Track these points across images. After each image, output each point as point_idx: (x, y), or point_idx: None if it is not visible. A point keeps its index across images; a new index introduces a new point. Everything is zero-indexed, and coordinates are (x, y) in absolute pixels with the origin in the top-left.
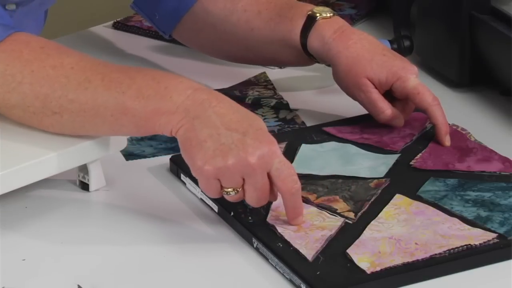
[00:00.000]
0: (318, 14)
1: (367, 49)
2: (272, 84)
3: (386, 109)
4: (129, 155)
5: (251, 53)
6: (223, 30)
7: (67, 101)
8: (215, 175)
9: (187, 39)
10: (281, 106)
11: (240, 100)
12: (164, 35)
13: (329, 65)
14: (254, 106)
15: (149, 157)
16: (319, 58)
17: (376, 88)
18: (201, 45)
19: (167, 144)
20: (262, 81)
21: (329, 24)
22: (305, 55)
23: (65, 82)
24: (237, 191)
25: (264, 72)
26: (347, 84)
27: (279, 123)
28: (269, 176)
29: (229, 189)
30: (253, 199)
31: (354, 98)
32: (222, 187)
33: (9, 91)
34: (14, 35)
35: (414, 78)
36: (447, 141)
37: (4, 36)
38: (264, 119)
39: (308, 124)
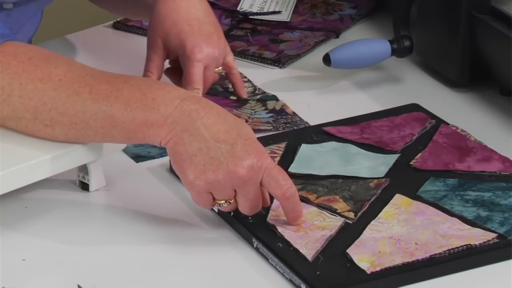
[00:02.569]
0: None
1: (177, 13)
2: (246, 77)
3: (152, 72)
4: (137, 157)
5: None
6: None
7: (57, 114)
8: (206, 189)
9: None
10: (267, 98)
11: (225, 96)
12: None
13: None
14: (240, 101)
15: (157, 158)
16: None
17: (167, 51)
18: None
19: None
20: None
21: None
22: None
23: (54, 95)
24: (229, 202)
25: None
26: (148, 35)
27: (270, 114)
28: (261, 184)
29: (222, 201)
30: (246, 209)
31: (147, 51)
32: (214, 199)
33: (0, 103)
34: (3, 45)
35: (195, 62)
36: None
37: None
38: (255, 112)
39: (308, 124)
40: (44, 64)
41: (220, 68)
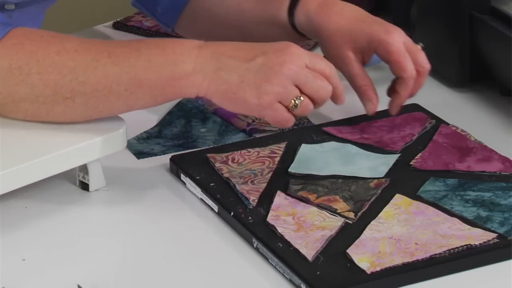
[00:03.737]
0: None
1: (347, 19)
2: None
3: (366, 84)
4: (139, 153)
5: (245, 35)
6: (217, 14)
7: (78, 83)
8: (273, 99)
9: (187, 30)
10: None
11: None
12: (167, 29)
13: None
14: None
15: (159, 155)
16: (307, 34)
17: (360, 58)
18: (200, 33)
19: (174, 142)
20: None
21: None
22: (295, 33)
23: (73, 66)
24: (300, 98)
25: None
26: (332, 58)
27: None
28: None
29: (293, 101)
30: (322, 95)
31: (341, 71)
32: (287, 109)
33: (17, 84)
34: (12, 31)
35: (396, 43)
36: (395, 110)
37: (4, 33)
38: None
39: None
40: (56, 40)
41: (420, 43)
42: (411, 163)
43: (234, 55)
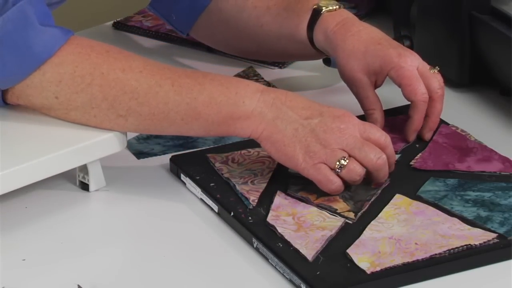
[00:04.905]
0: (323, 8)
1: (363, 41)
2: (263, 78)
3: (374, 108)
4: (139, 153)
5: (262, 49)
6: (235, 27)
7: (137, 104)
8: (319, 159)
9: (203, 37)
10: None
11: None
12: (182, 34)
13: None
14: None
15: (159, 155)
16: (325, 52)
17: (373, 80)
18: (216, 42)
19: (174, 142)
20: (252, 75)
21: (333, 17)
22: (314, 49)
23: (135, 86)
24: (346, 160)
25: (251, 67)
26: (344, 78)
27: None
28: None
29: (338, 163)
30: (372, 158)
31: (352, 91)
32: (332, 169)
33: (77, 92)
34: (75, 38)
35: (409, 67)
36: (412, 136)
37: (66, 39)
38: None
39: None
40: (123, 57)
41: (436, 67)
42: (411, 163)
43: (294, 108)
